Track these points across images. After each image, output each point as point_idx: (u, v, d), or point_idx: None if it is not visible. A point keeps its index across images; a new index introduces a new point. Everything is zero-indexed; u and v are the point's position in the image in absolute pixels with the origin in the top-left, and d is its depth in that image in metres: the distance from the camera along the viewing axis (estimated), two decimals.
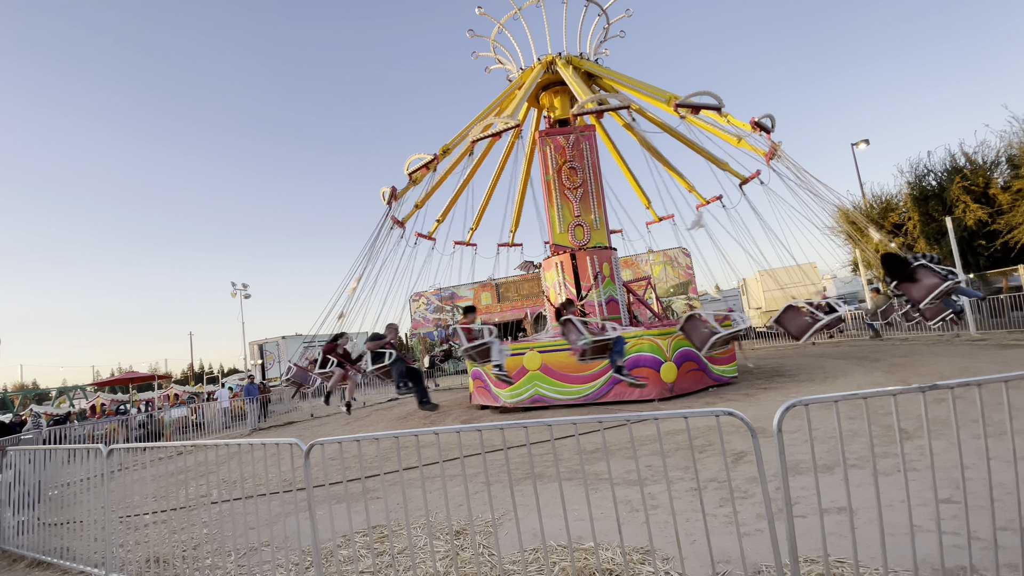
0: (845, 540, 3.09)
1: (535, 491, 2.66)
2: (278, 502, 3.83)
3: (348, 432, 11.49)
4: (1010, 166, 14.84)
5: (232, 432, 15.26)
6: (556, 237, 13.14)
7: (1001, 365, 8.81)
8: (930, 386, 2.19)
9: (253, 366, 29.19)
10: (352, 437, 2.91)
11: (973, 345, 12.00)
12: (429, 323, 29.37)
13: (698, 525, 3.66)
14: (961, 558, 2.63)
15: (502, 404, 10.94)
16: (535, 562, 3.44)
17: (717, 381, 10.75)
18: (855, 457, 4.75)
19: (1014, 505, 2.19)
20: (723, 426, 2.28)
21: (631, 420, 2.52)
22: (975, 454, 4.05)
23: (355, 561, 3.60)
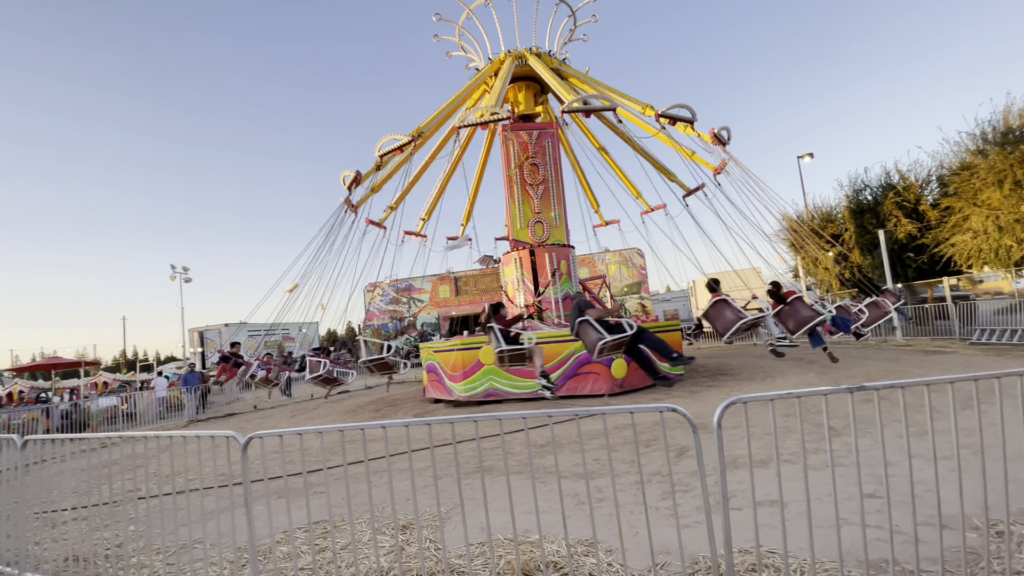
0: (777, 532, 3.24)
1: (483, 485, 2.65)
2: (213, 497, 3.64)
3: (293, 425, 11.12)
4: (939, 184, 16.03)
5: (167, 424, 14.45)
6: (516, 233, 13.16)
7: (923, 369, 9.52)
8: (857, 387, 2.31)
9: (192, 354, 27.74)
10: (294, 431, 2.80)
11: (899, 350, 12.91)
12: (384, 315, 28.82)
13: (642, 517, 3.75)
14: (884, 551, 2.80)
15: (456, 398, 10.88)
16: (481, 556, 3.42)
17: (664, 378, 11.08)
18: (788, 453, 5.00)
19: (934, 502, 2.34)
20: (668, 422, 2.35)
21: (580, 415, 2.54)
22: (898, 452, 4.35)
23: (294, 558, 3.47)
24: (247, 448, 3.05)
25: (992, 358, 10.06)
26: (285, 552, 3.83)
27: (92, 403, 14.91)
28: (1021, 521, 2.95)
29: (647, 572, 2.97)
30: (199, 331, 27.77)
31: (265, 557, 3.77)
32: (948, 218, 14.22)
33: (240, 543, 3.97)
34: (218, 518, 3.74)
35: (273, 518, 4.47)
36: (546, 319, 12.32)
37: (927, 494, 3.46)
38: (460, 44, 15.81)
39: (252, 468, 6.14)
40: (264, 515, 4.45)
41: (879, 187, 18.07)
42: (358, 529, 4.11)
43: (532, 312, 12.58)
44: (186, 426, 13.67)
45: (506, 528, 3.80)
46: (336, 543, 3.90)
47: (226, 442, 3.06)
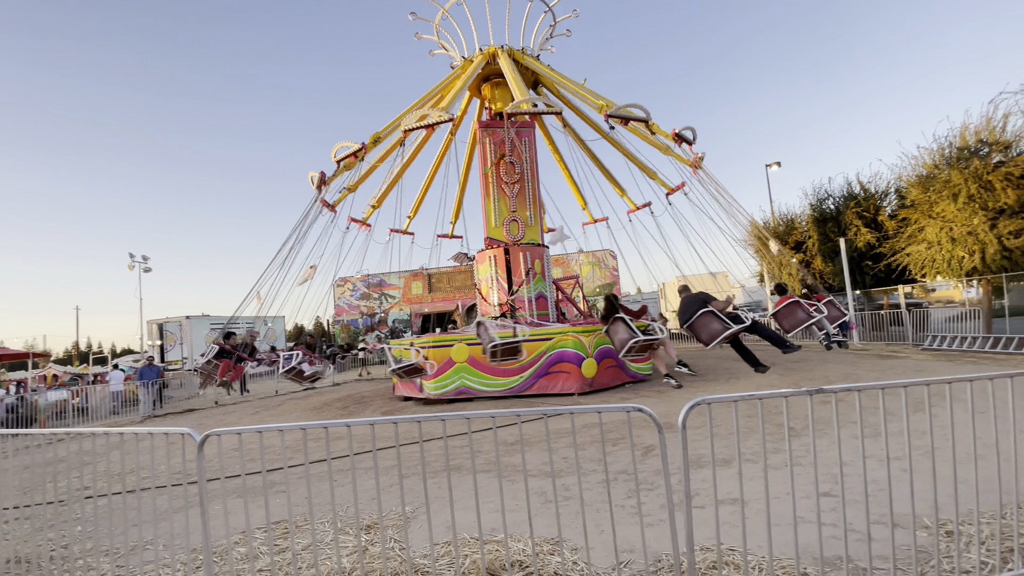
0: (737, 530, 3.31)
1: (449, 484, 2.61)
2: (167, 497, 3.49)
3: (257, 422, 10.81)
4: (898, 196, 16.72)
5: (121, 419, 13.86)
6: (491, 231, 13.12)
7: (878, 373, 9.92)
8: (816, 390, 2.38)
9: (151, 347, 26.67)
10: (253, 428, 2.70)
11: (856, 355, 13.42)
12: (354, 310, 28.32)
13: (608, 516, 3.78)
14: (838, 548, 2.88)
15: (426, 396, 10.78)
16: (447, 555, 3.38)
17: (633, 378, 11.23)
18: (750, 452, 5.12)
19: (886, 501, 2.42)
20: (635, 421, 2.36)
21: (548, 414, 2.53)
22: (853, 452, 4.51)
23: (252, 559, 3.36)
24: (203, 446, 2.93)
25: (943, 363, 10.56)
26: (243, 553, 3.70)
27: (40, 397, 14.16)
28: (969, 521, 3.08)
29: (611, 570, 2.99)
30: (158, 323, 26.69)
31: (221, 559, 3.64)
32: (905, 229, 14.85)
33: (195, 544, 3.82)
34: (171, 518, 3.59)
35: (230, 518, 4.34)
36: (519, 318, 12.33)
37: (880, 493, 3.59)
38: (440, 42, 15.66)
39: (209, 466, 5.94)
40: (220, 515, 4.30)
41: (841, 197, 18.76)
42: (320, 529, 4.01)
43: (505, 311, 12.57)
44: (141, 422, 13.14)
45: (473, 527, 3.77)
46: (297, 543, 3.80)
47: (181, 439, 2.94)
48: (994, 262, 12.60)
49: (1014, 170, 11.96)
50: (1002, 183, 12.16)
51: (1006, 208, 12.28)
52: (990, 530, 2.97)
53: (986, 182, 12.44)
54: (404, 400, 11.53)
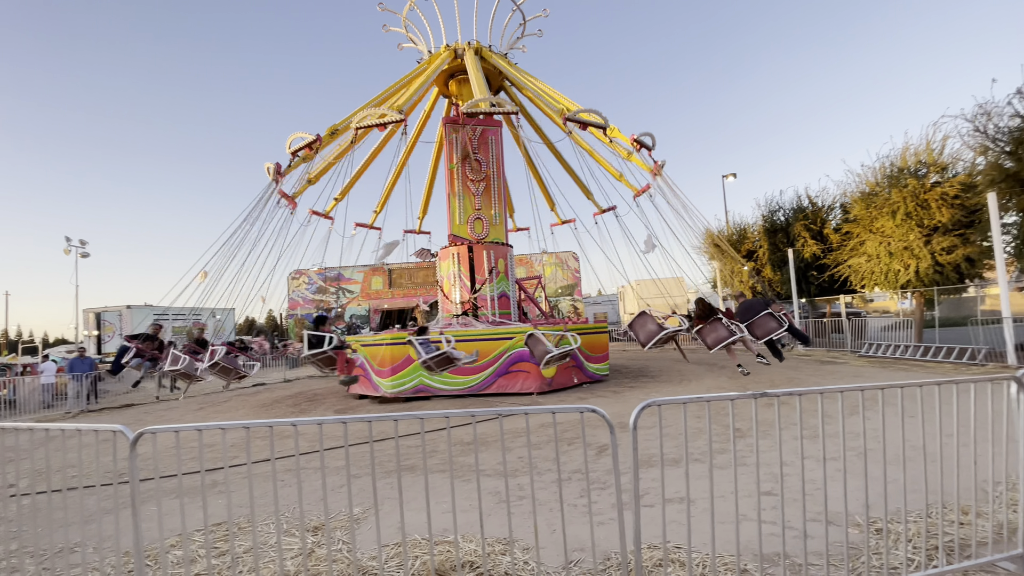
0: (684, 528, 3.40)
1: (399, 484, 2.56)
2: (97, 497, 3.27)
3: (200, 419, 10.33)
4: (842, 211, 17.68)
5: (52, 414, 12.95)
6: (455, 228, 13.02)
7: (819, 378, 10.44)
8: (760, 394, 2.46)
9: (87, 338, 25.05)
10: (192, 426, 2.56)
11: (800, 359, 14.09)
12: (309, 304, 27.50)
13: (560, 515, 3.81)
14: (777, 545, 3.00)
15: (383, 394, 10.58)
16: (397, 557, 3.32)
17: (591, 378, 11.40)
18: (699, 452, 5.28)
19: (822, 499, 2.53)
20: (589, 421, 2.38)
21: (503, 414, 2.52)
22: (793, 453, 4.72)
23: (189, 563, 3.20)
24: (137, 444, 2.75)
25: (877, 369, 11.22)
26: (178, 557, 3.51)
27: None
28: (898, 520, 3.27)
29: (561, 570, 3.00)
30: (96, 312, 25.10)
31: (155, 562, 3.44)
32: (847, 242, 15.74)
33: (126, 547, 3.61)
34: (101, 520, 3.37)
35: (167, 520, 4.11)
36: (481, 316, 12.29)
37: (816, 492, 3.77)
38: (408, 35, 15.41)
39: (144, 465, 5.61)
40: (155, 517, 4.07)
41: (791, 209, 19.70)
42: (264, 531, 3.86)
43: (468, 309, 12.50)
44: (73, 417, 12.32)
45: (423, 528, 3.71)
46: (239, 546, 3.64)
47: (113, 437, 2.75)
48: (927, 276, 13.50)
49: (949, 191, 12.86)
50: (937, 202, 13.06)
51: (940, 226, 13.19)
52: (916, 528, 3.16)
53: (923, 201, 13.32)
54: (359, 398, 11.28)
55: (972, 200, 12.66)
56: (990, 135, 12.10)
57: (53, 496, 4.78)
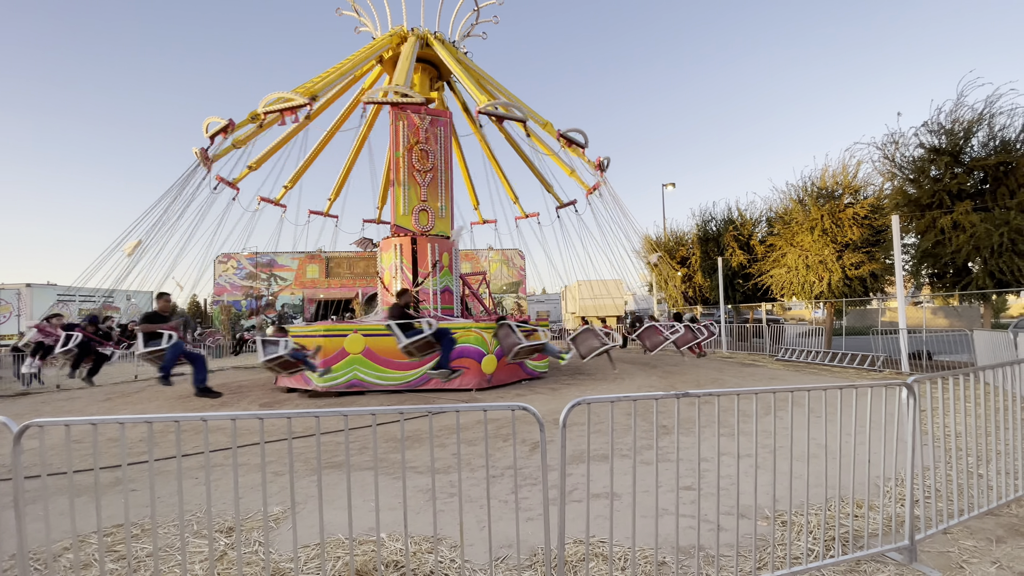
0: (607, 522, 3.49)
1: (319, 483, 2.44)
2: None
3: (107, 410, 9.48)
4: (767, 224, 18.93)
5: None
6: (398, 219, 12.70)
7: (740, 379, 11.11)
8: (683, 393, 2.56)
9: None
10: (85, 420, 2.32)
11: (724, 361, 14.94)
12: (237, 290, 25.94)
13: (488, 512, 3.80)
14: (693, 538, 3.14)
15: (313, 388, 10.15)
16: (316, 558, 3.18)
17: (530, 375, 11.52)
18: (626, 448, 5.45)
19: (735, 494, 2.66)
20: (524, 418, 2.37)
21: (432, 411, 2.46)
22: (711, 450, 4.98)
23: (82, 567, 2.91)
24: (21, 438, 2.46)
25: (792, 372, 12.09)
26: (71, 561, 3.19)
27: None
28: (801, 512, 3.51)
29: (487, 566, 2.99)
30: None
31: (44, 566, 3.11)
32: (771, 253, 16.89)
33: (10, 550, 3.23)
34: None
35: (60, 520, 3.73)
36: (422, 310, 12.08)
37: (731, 487, 3.99)
38: (359, 18, 14.89)
39: (32, 462, 5.07)
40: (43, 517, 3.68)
41: (722, 220, 20.86)
42: (168, 534, 3.59)
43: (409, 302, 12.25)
44: None
45: (345, 528, 3.59)
46: (141, 549, 3.36)
47: None
48: (838, 288, 14.73)
49: (860, 211, 14.08)
50: (850, 221, 14.26)
51: (851, 243, 14.42)
52: (817, 520, 3.41)
53: (837, 219, 14.50)
54: (288, 392, 10.77)
55: (879, 221, 13.94)
56: (897, 163, 13.36)
57: None
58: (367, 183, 25.31)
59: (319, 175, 15.72)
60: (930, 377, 3.36)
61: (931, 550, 3.16)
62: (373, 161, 19.00)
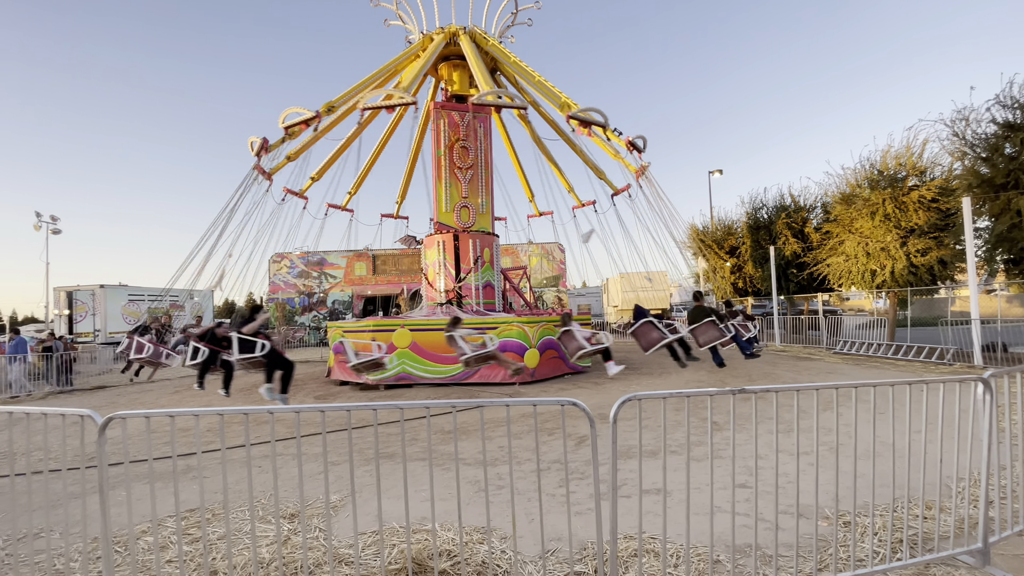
0: (659, 518, 3.45)
1: (377, 472, 2.54)
2: (64, 481, 3.19)
3: (175, 403, 10.15)
4: (824, 211, 17.98)
5: (20, 394, 12.59)
6: (441, 216, 12.90)
7: (795, 373, 10.66)
8: (739, 390, 2.49)
9: (57, 317, 24.36)
10: (164, 412, 2.50)
11: (777, 355, 14.37)
12: (291, 288, 27.09)
13: (539, 505, 3.83)
14: (748, 537, 3.06)
15: (364, 381, 10.50)
16: (374, 545, 3.31)
17: (573, 369, 11.47)
18: (676, 445, 5.36)
19: (794, 492, 2.58)
20: (571, 412, 2.39)
21: (484, 405, 2.51)
22: (767, 447, 4.82)
23: (160, 549, 3.15)
24: (105, 430, 2.68)
25: (851, 366, 11.50)
26: (149, 543, 3.45)
27: None
28: (865, 513, 3.36)
29: (537, 559, 3.03)
30: (67, 291, 24.38)
31: (125, 549, 3.38)
32: (827, 241, 16.03)
33: (94, 533, 3.53)
34: (67, 505, 3.28)
35: (138, 505, 4.04)
36: (465, 305, 12.25)
37: (789, 485, 3.85)
38: (398, 13, 15.10)
39: (114, 450, 5.50)
40: (125, 502, 3.99)
41: (774, 207, 19.95)
42: (237, 519, 3.82)
43: (452, 298, 12.45)
44: (43, 398, 12.00)
45: (401, 517, 3.71)
46: (212, 533, 3.59)
47: (81, 421, 2.67)
48: (902, 276, 13.84)
49: (926, 194, 13.14)
50: (915, 205, 13.34)
51: (916, 228, 13.50)
52: (883, 522, 3.25)
53: (901, 203, 13.60)
54: (340, 384, 11.19)
55: (948, 204, 12.96)
56: (968, 141, 12.37)
57: (18, 480, 4.65)
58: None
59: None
60: (1008, 371, 3.12)
61: (1005, 553, 2.95)
62: (426, 163, 19.45)
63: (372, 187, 25.19)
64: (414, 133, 16.42)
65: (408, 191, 17.86)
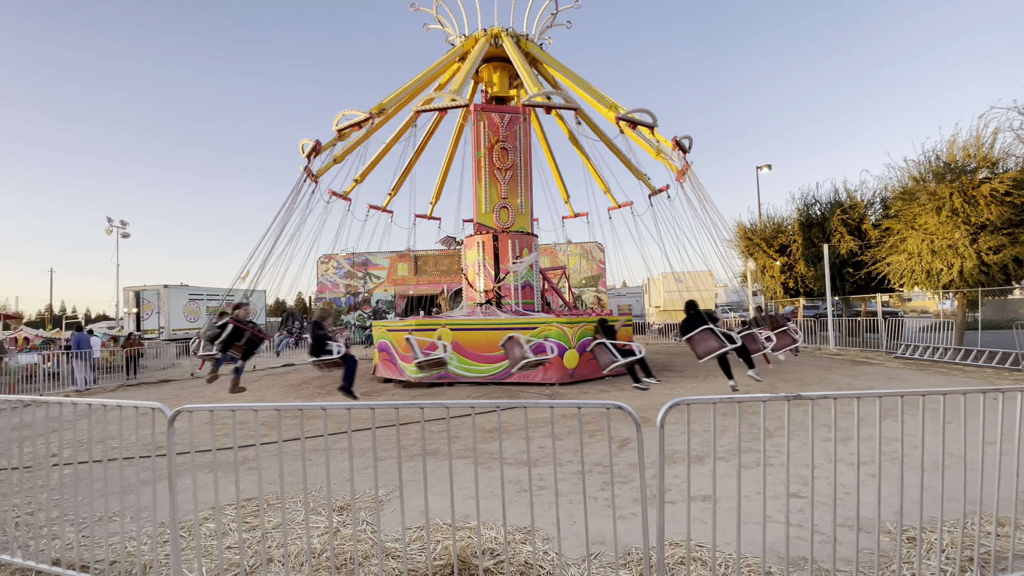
0: (706, 526, 3.36)
1: (424, 468, 2.59)
2: (136, 468, 3.43)
3: (231, 397, 10.67)
4: (883, 206, 16.96)
5: (94, 387, 13.59)
6: (481, 216, 13.02)
7: (851, 378, 10.14)
8: (795, 396, 2.39)
9: (126, 315, 26.11)
10: (226, 406, 2.64)
11: (831, 359, 13.70)
12: (338, 288, 28.02)
13: (580, 507, 3.81)
14: (803, 549, 2.94)
15: (407, 378, 10.73)
16: (418, 540, 3.38)
17: (614, 371, 11.31)
18: (723, 451, 5.20)
19: (853, 504, 2.45)
20: (614, 415, 2.36)
21: (528, 406, 2.52)
22: (822, 455, 4.60)
23: (221, 536, 3.32)
24: (174, 421, 2.86)
25: (914, 372, 10.82)
26: (211, 529, 3.66)
27: (11, 360, 13.79)
28: (931, 529, 3.16)
29: (581, 561, 3.01)
30: (135, 290, 26.12)
31: (189, 533, 3.59)
32: (887, 238, 15.09)
33: (162, 518, 3.77)
34: (138, 491, 3.52)
35: (200, 493, 4.28)
36: (504, 306, 12.31)
37: (846, 497, 3.67)
38: (437, 17, 15.33)
39: (179, 440, 5.85)
40: (189, 490, 4.24)
41: (828, 203, 18.97)
42: (292, 509, 3.98)
43: (491, 298, 12.54)
44: (112, 391, 12.90)
45: (446, 513, 3.77)
46: (267, 522, 3.76)
47: (151, 412, 2.87)
48: (971, 276, 12.88)
49: (999, 187, 12.17)
50: (986, 199, 12.38)
51: (988, 224, 12.53)
52: (951, 539, 3.05)
53: (970, 197, 12.66)
54: (384, 382, 11.48)
55: (1023, 198, 11.98)
56: None
57: (93, 467, 5.02)
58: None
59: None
60: None
61: None
62: (464, 164, 19.80)
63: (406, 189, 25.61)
64: (449, 136, 16.66)
65: (442, 193, 18.14)
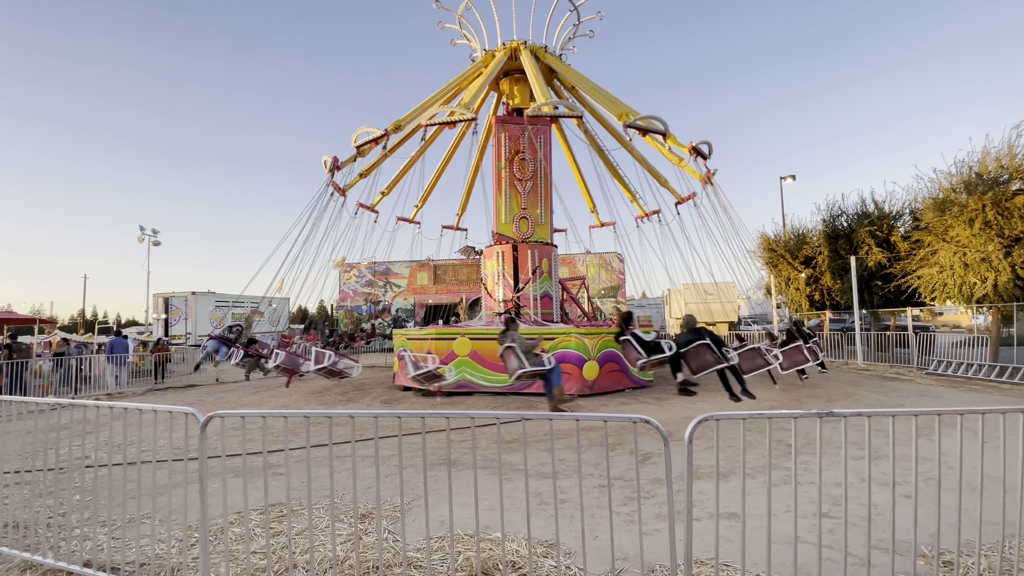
0: (733, 544, 3.29)
1: (449, 478, 2.60)
2: (166, 471, 3.51)
3: (255, 402, 10.86)
4: (912, 218, 16.53)
5: (125, 390, 13.97)
6: (500, 227, 13.10)
7: (881, 395, 9.84)
8: (827, 413, 2.35)
9: (156, 320, 26.83)
10: (257, 412, 2.70)
11: (859, 374, 13.32)
12: (359, 296, 28.40)
13: (603, 521, 3.77)
14: (836, 572, 2.86)
15: (428, 387, 10.78)
16: (440, 550, 3.39)
17: (635, 384, 11.20)
18: (750, 467, 5.09)
19: (885, 526, 2.39)
20: (638, 429, 2.34)
21: (552, 418, 2.52)
22: (853, 474, 4.48)
23: (247, 540, 3.38)
24: (206, 427, 2.93)
25: (947, 388, 10.46)
26: (238, 533, 3.72)
27: (44, 363, 14.27)
28: (968, 552, 3.05)
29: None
30: (164, 297, 26.87)
31: (216, 537, 3.66)
32: (917, 251, 14.69)
33: (191, 521, 3.85)
34: (170, 493, 3.61)
35: (228, 497, 4.36)
36: (523, 316, 12.32)
37: (879, 518, 3.56)
38: (463, 32, 15.59)
39: (208, 444, 5.98)
40: (218, 494, 4.32)
41: (855, 214, 18.55)
42: (316, 515, 4.03)
43: (510, 308, 12.56)
44: (141, 395, 13.24)
45: (467, 523, 3.77)
46: (292, 528, 3.81)
47: (184, 417, 2.95)
48: (1006, 290, 12.44)
49: None
50: (1020, 211, 12.00)
51: (1022, 237, 12.13)
52: (988, 563, 2.94)
53: (1004, 209, 12.28)
54: (404, 390, 11.55)
55: None
56: None
57: (126, 469, 5.15)
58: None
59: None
60: None
61: None
62: (485, 178, 20.02)
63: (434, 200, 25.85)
64: (474, 148, 16.80)
65: (468, 203, 18.30)
